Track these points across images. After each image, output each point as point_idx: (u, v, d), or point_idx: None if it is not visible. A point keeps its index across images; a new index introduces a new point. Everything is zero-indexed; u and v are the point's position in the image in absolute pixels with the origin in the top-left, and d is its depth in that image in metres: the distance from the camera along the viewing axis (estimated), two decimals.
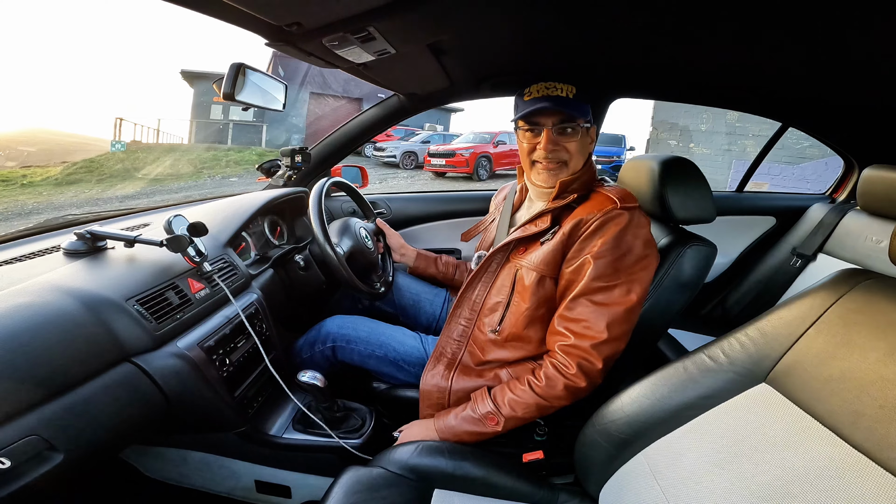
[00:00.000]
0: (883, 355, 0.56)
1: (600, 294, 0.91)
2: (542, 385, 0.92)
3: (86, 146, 16.67)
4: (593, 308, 0.91)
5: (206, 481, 1.13)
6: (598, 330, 0.89)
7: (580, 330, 0.91)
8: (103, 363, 0.73)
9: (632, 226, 0.92)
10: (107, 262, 0.90)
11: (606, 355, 0.90)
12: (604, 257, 0.90)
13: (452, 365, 1.06)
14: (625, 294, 0.91)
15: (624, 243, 0.91)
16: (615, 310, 0.90)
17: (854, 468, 0.52)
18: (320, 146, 1.69)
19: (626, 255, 0.91)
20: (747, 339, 0.71)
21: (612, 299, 0.90)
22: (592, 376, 0.91)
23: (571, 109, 0.97)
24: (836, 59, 0.98)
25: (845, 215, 1.81)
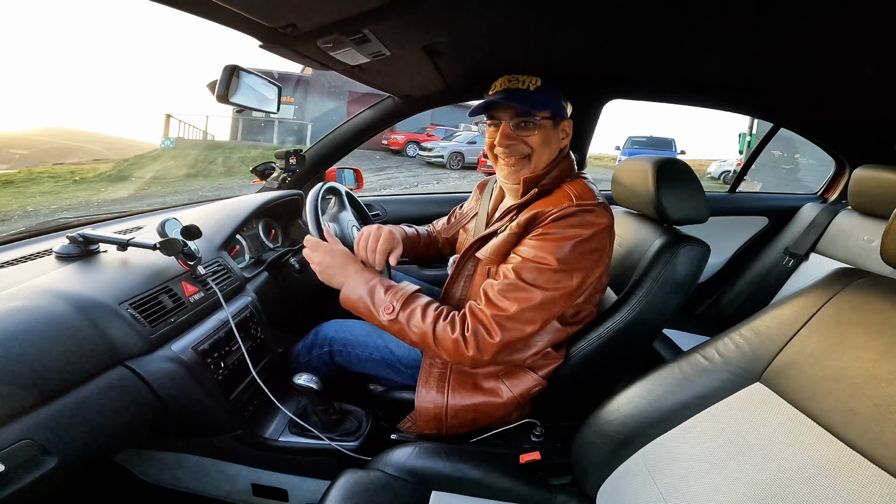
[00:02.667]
0: (877, 354, 0.57)
1: (529, 272, 0.88)
2: (444, 324, 0.90)
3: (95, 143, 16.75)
4: (516, 281, 0.88)
5: (202, 485, 1.12)
6: (510, 303, 0.87)
7: (492, 297, 0.89)
8: (97, 367, 0.73)
9: (583, 222, 0.89)
10: (99, 266, 0.89)
11: (507, 336, 0.87)
12: (546, 242, 0.88)
13: (445, 375, 1.03)
14: (552, 282, 0.88)
15: (570, 234, 0.88)
16: (535, 293, 0.87)
17: (849, 467, 0.53)
18: (315, 148, 1.69)
19: (567, 249, 0.88)
20: (741, 338, 0.72)
21: (540, 282, 0.87)
22: (483, 349, 0.88)
23: (528, 103, 0.95)
24: (826, 62, 1.00)
25: (837, 215, 1.83)
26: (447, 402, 1.01)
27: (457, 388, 1.02)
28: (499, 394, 1.00)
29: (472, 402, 1.00)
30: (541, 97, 0.96)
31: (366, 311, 0.96)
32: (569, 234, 0.88)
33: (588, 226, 0.89)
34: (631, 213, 1.33)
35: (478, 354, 0.88)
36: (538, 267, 0.88)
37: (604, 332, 1.02)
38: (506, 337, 0.87)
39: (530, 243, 0.90)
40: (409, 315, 0.92)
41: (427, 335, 0.90)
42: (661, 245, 1.06)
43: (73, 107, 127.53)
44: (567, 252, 0.88)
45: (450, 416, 1.01)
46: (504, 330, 0.87)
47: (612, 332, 1.02)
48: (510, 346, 0.90)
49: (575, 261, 0.89)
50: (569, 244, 0.88)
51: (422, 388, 1.03)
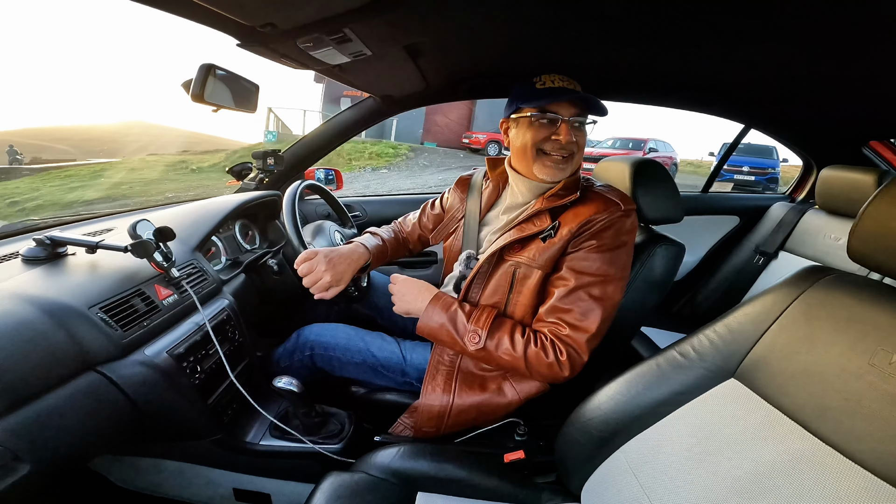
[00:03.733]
0: (845, 349, 0.59)
1: (597, 287, 0.91)
2: (536, 350, 0.90)
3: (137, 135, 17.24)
4: (589, 301, 0.91)
5: (181, 490, 1.09)
6: (591, 322, 0.90)
7: (574, 321, 0.90)
8: (67, 372, 0.71)
9: (630, 228, 0.95)
10: (68, 269, 0.86)
11: (592, 348, 0.92)
12: (604, 254, 0.92)
13: (452, 374, 1.04)
14: (617, 290, 0.93)
15: (621, 242, 0.93)
16: (607, 304, 0.91)
17: (823, 461, 0.54)
18: (294, 148, 1.67)
19: (621, 254, 0.93)
20: (716, 335, 0.74)
21: (607, 294, 0.91)
22: (576, 368, 0.91)
23: (587, 104, 0.95)
24: (794, 66, 1.03)
25: (804, 214, 1.89)
26: (453, 401, 1.01)
27: (464, 388, 1.02)
28: (504, 393, 1.01)
29: (477, 402, 1.01)
30: (592, 100, 0.95)
31: (449, 340, 0.96)
32: (620, 241, 0.93)
33: (632, 230, 0.96)
34: None
35: (572, 372, 0.91)
36: (603, 280, 0.91)
37: None
38: (592, 350, 0.92)
39: (588, 255, 0.92)
40: (498, 343, 0.93)
41: (519, 361, 0.91)
42: (639, 244, 1.08)
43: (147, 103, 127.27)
44: (622, 260, 0.94)
45: (452, 415, 1.01)
46: (591, 346, 0.91)
47: None
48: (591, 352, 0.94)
49: (626, 265, 0.95)
50: (622, 252, 0.94)
51: (428, 385, 1.03)
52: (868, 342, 0.57)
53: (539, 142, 0.98)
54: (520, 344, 0.91)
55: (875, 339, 0.57)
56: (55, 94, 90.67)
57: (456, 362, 1.04)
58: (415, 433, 1.05)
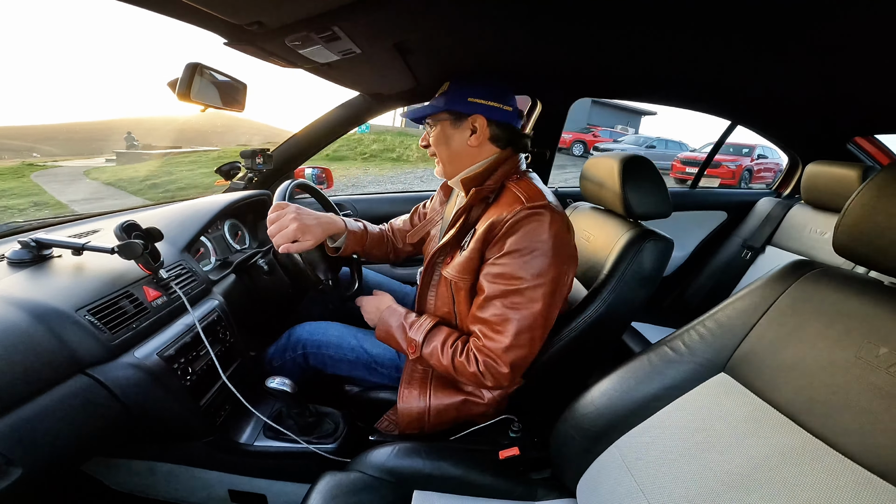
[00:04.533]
0: (832, 342, 0.60)
1: (510, 297, 0.88)
2: (461, 360, 0.92)
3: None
4: (503, 311, 0.89)
5: (176, 492, 1.09)
6: (506, 335, 0.88)
7: (489, 332, 0.90)
8: (56, 375, 0.71)
9: (540, 225, 0.88)
10: (54, 272, 0.85)
11: (513, 360, 0.89)
12: (515, 259, 0.88)
13: (426, 378, 1.03)
14: (534, 298, 0.88)
15: (534, 244, 0.87)
16: (525, 314, 0.88)
17: (812, 454, 0.55)
18: (283, 147, 1.65)
19: (535, 260, 0.87)
20: (705, 329, 0.74)
21: (521, 304, 0.88)
22: (498, 378, 0.90)
23: (423, 110, 1.04)
24: (780, 64, 1.04)
25: (791, 209, 1.92)
26: (430, 403, 1.01)
27: (439, 389, 1.02)
28: (480, 395, 1.01)
29: (454, 402, 1.01)
30: (441, 99, 1.02)
31: (398, 347, 1.02)
32: (533, 244, 0.87)
33: (545, 230, 0.88)
34: (598, 209, 1.36)
35: (496, 383, 0.92)
36: (516, 289, 0.88)
37: (576, 326, 1.04)
38: (514, 362, 0.90)
39: (499, 262, 0.89)
40: (431, 352, 0.96)
41: (449, 370, 0.95)
42: (628, 240, 1.09)
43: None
44: (536, 264, 0.88)
45: (432, 416, 1.01)
46: (510, 357, 0.89)
47: (584, 327, 1.04)
48: (521, 366, 0.92)
49: (546, 269, 0.88)
50: (535, 256, 0.87)
51: (404, 389, 1.03)
52: (854, 335, 0.58)
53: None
54: (448, 354, 0.94)
55: (861, 332, 0.58)
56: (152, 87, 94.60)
57: (429, 370, 1.04)
58: (400, 433, 1.05)
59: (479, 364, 0.90)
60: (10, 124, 49.37)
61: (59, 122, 41.06)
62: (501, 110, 1.00)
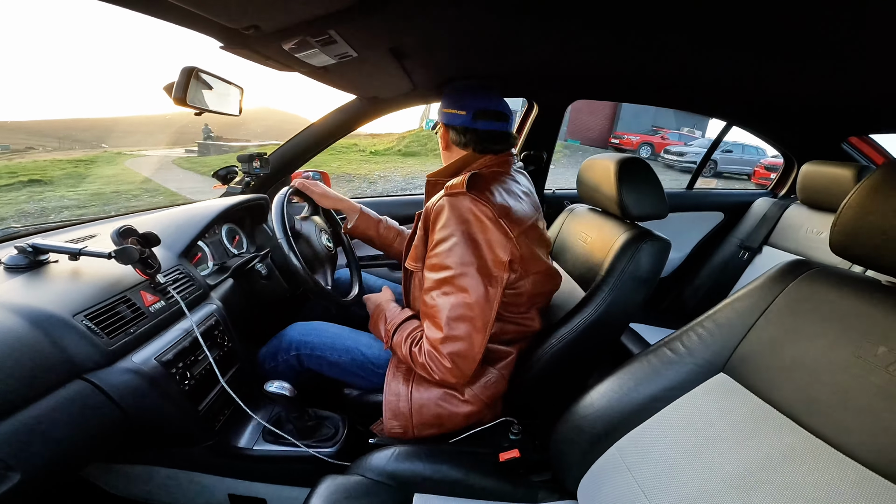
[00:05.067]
0: (830, 342, 0.60)
1: (444, 286, 0.89)
2: (415, 350, 0.96)
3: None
4: (436, 301, 0.90)
5: (175, 497, 1.08)
6: (440, 325, 0.90)
7: (429, 323, 0.93)
8: (54, 381, 0.70)
9: (458, 211, 0.89)
10: (50, 277, 0.85)
11: (451, 352, 0.89)
12: (440, 247, 0.90)
13: (411, 369, 1.03)
14: (463, 287, 0.88)
15: (451, 230, 0.89)
16: (454, 303, 0.88)
17: (814, 454, 0.55)
18: (280, 151, 1.65)
19: (457, 244, 0.88)
20: (704, 330, 0.74)
21: (451, 293, 0.89)
22: (443, 372, 0.91)
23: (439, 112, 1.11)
24: (775, 66, 1.05)
25: (787, 209, 1.93)
26: (411, 395, 1.01)
27: (421, 381, 1.02)
28: (459, 390, 1.01)
29: (435, 396, 1.00)
30: (444, 102, 1.10)
31: (379, 337, 1.07)
32: (451, 231, 0.89)
33: (463, 217, 0.88)
34: (595, 211, 1.37)
35: (443, 376, 0.93)
36: (444, 278, 0.90)
37: (574, 327, 1.04)
38: (453, 354, 0.90)
39: (432, 252, 0.92)
40: (397, 344, 1.00)
41: (408, 360, 0.98)
42: (625, 241, 1.10)
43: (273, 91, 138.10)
44: (458, 251, 0.88)
45: (415, 412, 1.00)
46: (447, 349, 0.90)
47: (582, 328, 1.04)
48: (465, 361, 0.91)
49: (470, 256, 0.88)
50: (456, 243, 0.88)
51: (389, 381, 1.04)
52: (852, 335, 0.58)
53: None
54: (407, 344, 0.97)
55: (859, 331, 0.58)
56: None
57: None
58: (386, 432, 1.04)
59: (425, 355, 0.93)
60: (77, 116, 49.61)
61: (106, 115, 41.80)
62: (455, 115, 1.07)
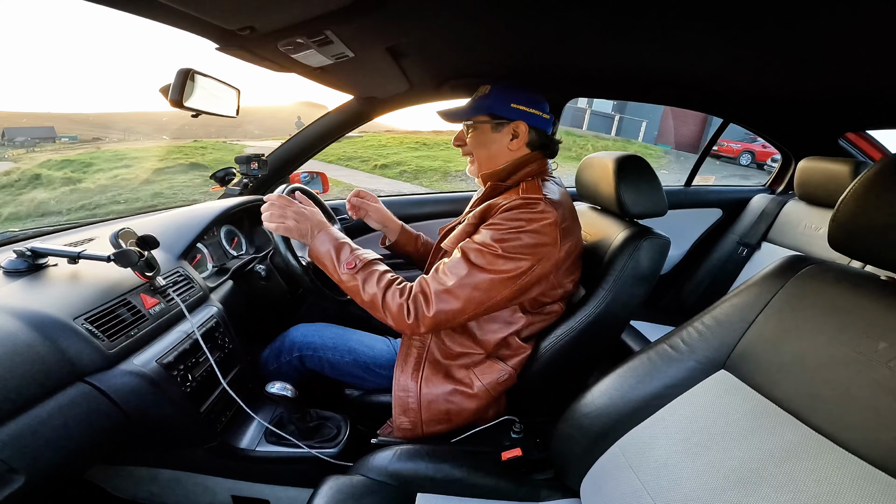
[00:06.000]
0: (831, 338, 0.60)
1: (474, 254, 0.92)
2: (393, 289, 0.93)
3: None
4: (460, 260, 0.93)
5: (178, 499, 1.09)
6: (450, 279, 0.91)
7: (437, 274, 0.94)
8: (55, 384, 0.71)
9: (528, 213, 0.93)
10: (50, 281, 0.85)
11: (440, 308, 0.90)
12: (492, 229, 0.94)
13: (420, 365, 1.04)
14: (492, 264, 0.91)
15: (515, 224, 0.93)
16: (474, 272, 0.91)
17: (816, 450, 0.55)
18: (277, 153, 1.65)
19: (512, 233, 0.92)
20: (704, 327, 0.74)
21: (479, 262, 0.91)
22: (420, 318, 0.91)
23: (465, 111, 1.07)
24: (771, 63, 1.05)
25: (785, 205, 1.93)
26: (420, 390, 1.01)
27: (430, 377, 1.02)
28: (469, 384, 1.01)
29: (444, 392, 1.01)
30: (483, 103, 1.05)
31: (330, 266, 0.98)
32: (513, 224, 0.93)
33: (532, 218, 0.93)
34: (594, 209, 1.37)
35: (415, 323, 0.91)
36: (481, 249, 0.92)
37: (574, 325, 1.04)
38: (440, 309, 0.90)
39: (482, 231, 0.96)
40: (367, 276, 0.95)
41: (377, 298, 0.93)
42: (624, 239, 1.09)
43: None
44: (510, 239, 0.92)
45: (424, 407, 1.01)
46: (439, 302, 0.90)
47: (582, 326, 1.04)
48: (443, 321, 0.92)
49: (517, 249, 0.92)
50: (512, 233, 0.92)
51: (399, 375, 1.04)
52: (853, 330, 0.58)
53: None
54: (384, 282, 0.95)
55: (860, 327, 0.58)
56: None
57: (423, 353, 1.06)
58: (395, 430, 1.05)
59: (409, 296, 0.92)
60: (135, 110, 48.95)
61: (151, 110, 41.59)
62: (541, 118, 1.06)
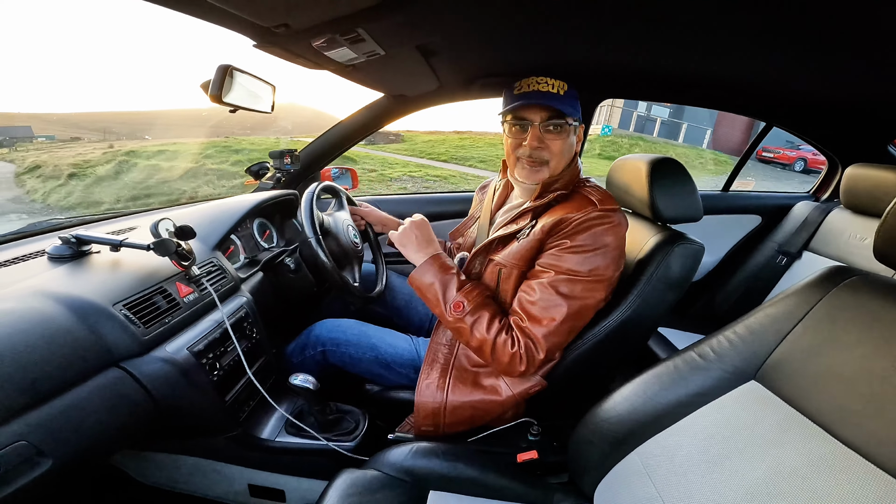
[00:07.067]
0: (869, 351, 0.57)
1: (564, 285, 0.91)
2: (504, 338, 0.92)
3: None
4: (554, 296, 0.91)
5: (198, 486, 1.11)
6: (552, 317, 0.90)
7: (535, 313, 0.92)
8: (91, 368, 0.73)
9: (609, 228, 0.92)
10: (92, 267, 0.88)
11: (550, 347, 0.91)
12: (577, 255, 0.91)
13: (447, 371, 1.04)
14: (588, 291, 0.91)
15: (599, 243, 0.91)
16: (573, 303, 0.91)
17: (843, 464, 0.53)
18: (309, 148, 1.69)
19: (597, 256, 0.91)
20: (736, 336, 0.72)
21: (575, 293, 0.90)
22: (532, 363, 0.92)
23: (561, 105, 0.95)
24: (820, 65, 1.00)
25: (829, 213, 1.84)
26: (447, 398, 1.01)
27: (457, 385, 1.02)
28: (498, 392, 1.01)
29: (471, 400, 1.01)
30: (569, 101, 0.97)
31: (434, 301, 0.98)
32: (597, 243, 0.91)
33: (612, 233, 0.92)
34: (625, 212, 1.34)
35: (529, 369, 0.92)
36: (571, 279, 0.91)
37: (599, 330, 1.02)
38: (550, 349, 0.92)
39: (561, 254, 0.92)
40: (477, 321, 0.94)
41: (487, 344, 0.93)
42: (656, 244, 1.07)
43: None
44: (597, 262, 0.91)
45: (448, 413, 1.01)
46: (549, 343, 0.91)
47: (608, 331, 1.02)
48: (551, 355, 0.95)
49: (604, 269, 0.92)
50: (598, 254, 0.91)
51: (423, 382, 1.04)
52: (894, 344, 0.56)
53: (514, 148, 1.01)
54: (495, 328, 0.93)
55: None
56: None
57: (450, 359, 1.05)
58: (416, 431, 1.05)
59: (520, 345, 0.92)
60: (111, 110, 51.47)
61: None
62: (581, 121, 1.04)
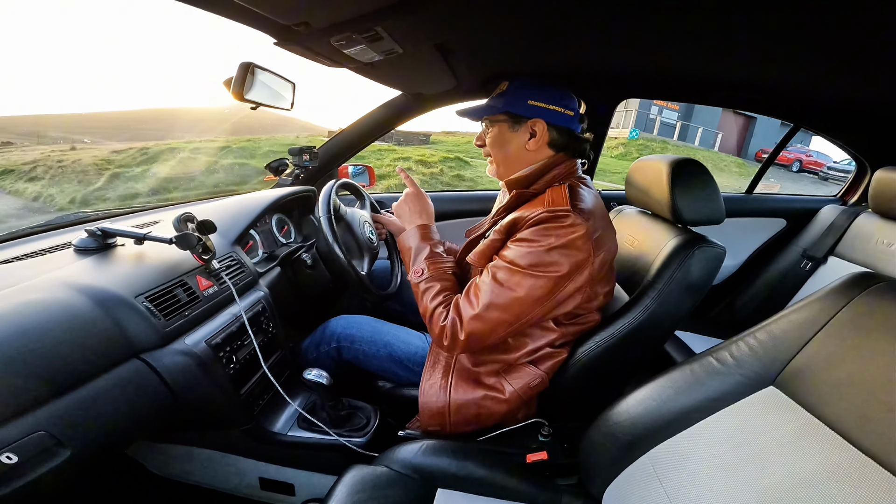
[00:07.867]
0: (892, 359, 0.55)
1: (502, 272, 0.90)
2: (441, 310, 0.95)
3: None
4: (488, 283, 0.91)
5: (210, 478, 1.13)
6: (479, 303, 0.90)
7: (468, 295, 0.93)
8: (112, 359, 0.74)
9: (555, 227, 0.89)
10: (117, 259, 0.91)
11: (472, 330, 0.90)
12: (521, 247, 0.90)
13: (448, 371, 1.04)
14: (523, 285, 0.89)
15: (542, 240, 0.89)
16: (504, 292, 0.89)
17: (861, 472, 0.52)
18: (328, 145, 1.70)
19: (540, 252, 0.88)
20: (756, 341, 0.70)
21: (510, 283, 0.89)
22: (453, 342, 0.92)
23: (480, 109, 1.02)
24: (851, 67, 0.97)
25: (857, 217, 1.79)
26: (450, 398, 1.01)
27: (459, 383, 1.02)
28: (501, 390, 1.00)
29: (475, 398, 1.01)
30: (500, 100, 1.01)
31: (407, 263, 1.07)
32: (542, 240, 0.89)
33: (562, 234, 0.88)
34: (644, 213, 1.32)
35: (451, 346, 0.93)
36: (509, 268, 0.90)
37: (615, 332, 1.01)
38: (471, 332, 0.91)
39: (508, 246, 0.93)
40: (427, 290, 0.99)
41: (427, 312, 0.97)
42: (675, 246, 1.05)
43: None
44: (539, 258, 0.89)
45: (453, 412, 1.01)
46: (471, 325, 0.91)
47: (623, 333, 1.01)
48: (476, 342, 0.92)
49: (545, 266, 0.89)
50: (541, 249, 0.89)
51: (426, 382, 1.04)
52: None
53: None
54: (438, 300, 0.97)
55: None
56: None
57: (451, 360, 1.05)
58: (422, 430, 1.05)
59: (447, 320, 0.93)
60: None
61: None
62: (562, 115, 1.00)
